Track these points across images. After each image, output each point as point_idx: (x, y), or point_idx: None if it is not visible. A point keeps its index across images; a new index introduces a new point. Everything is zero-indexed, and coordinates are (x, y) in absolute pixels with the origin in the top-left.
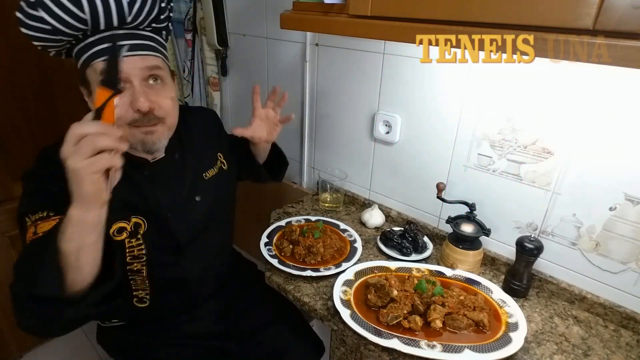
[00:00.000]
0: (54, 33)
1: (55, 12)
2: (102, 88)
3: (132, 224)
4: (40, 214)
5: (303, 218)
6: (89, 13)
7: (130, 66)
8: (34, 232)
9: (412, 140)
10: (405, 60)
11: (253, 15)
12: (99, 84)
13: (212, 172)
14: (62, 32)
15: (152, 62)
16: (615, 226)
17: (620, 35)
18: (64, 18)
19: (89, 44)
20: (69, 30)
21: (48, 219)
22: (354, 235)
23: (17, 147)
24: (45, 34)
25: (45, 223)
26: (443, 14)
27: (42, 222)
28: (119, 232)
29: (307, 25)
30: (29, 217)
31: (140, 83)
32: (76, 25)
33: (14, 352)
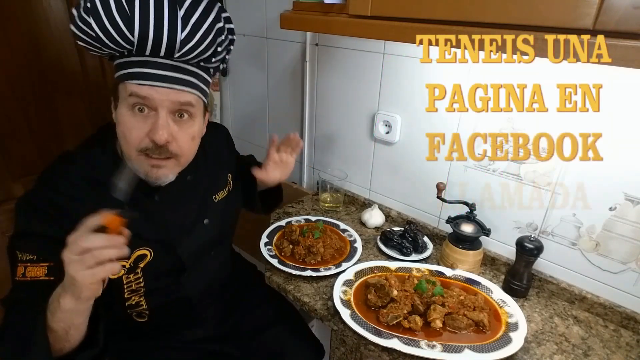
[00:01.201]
0: (98, 41)
1: (105, 25)
2: (116, 216)
3: (133, 260)
4: (30, 257)
5: (303, 218)
6: (137, 36)
7: (162, 97)
8: (22, 273)
9: (412, 140)
10: (405, 60)
11: (253, 15)
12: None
13: (222, 195)
14: (106, 45)
15: (186, 98)
16: (615, 226)
17: (620, 35)
18: (111, 33)
19: (130, 62)
20: (113, 45)
21: (37, 264)
22: (354, 235)
23: (17, 147)
24: (90, 39)
25: (34, 267)
26: (443, 14)
27: (31, 265)
28: None
29: (307, 25)
30: (20, 253)
31: (166, 114)
32: (121, 43)
33: None
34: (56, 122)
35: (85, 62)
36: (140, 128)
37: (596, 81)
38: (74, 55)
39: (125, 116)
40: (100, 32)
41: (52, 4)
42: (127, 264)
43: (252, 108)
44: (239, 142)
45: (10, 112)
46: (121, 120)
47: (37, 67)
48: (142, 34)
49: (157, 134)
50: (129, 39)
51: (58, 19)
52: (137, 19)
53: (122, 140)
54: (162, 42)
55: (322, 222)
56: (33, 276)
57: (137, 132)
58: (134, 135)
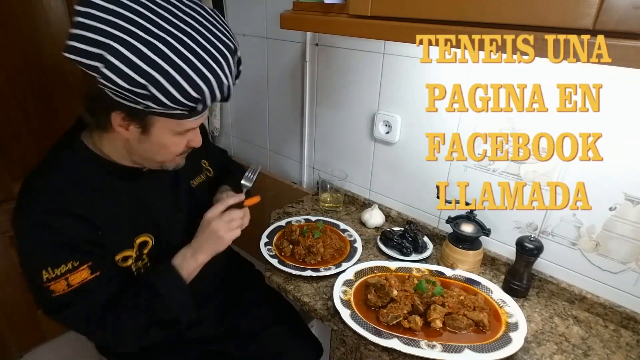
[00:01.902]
0: (148, 100)
1: (162, 100)
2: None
3: (137, 247)
4: (65, 267)
5: (303, 218)
6: (200, 104)
7: (200, 122)
8: (67, 284)
9: (412, 140)
10: (405, 60)
11: (253, 15)
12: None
13: (199, 180)
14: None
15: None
16: (615, 226)
17: (620, 35)
18: (172, 108)
19: None
20: (164, 109)
21: (77, 270)
22: (354, 235)
23: (17, 147)
24: (138, 98)
25: (76, 274)
26: (443, 14)
27: (71, 274)
28: (124, 260)
29: (307, 25)
30: (48, 270)
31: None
32: (182, 108)
33: (14, 352)
34: (56, 122)
35: None
36: (182, 142)
37: (596, 81)
38: None
39: (170, 139)
40: (170, 106)
41: (52, 4)
42: (133, 253)
43: (252, 108)
44: (239, 142)
45: (10, 112)
46: (163, 142)
47: (37, 67)
48: (212, 100)
49: (197, 143)
50: (194, 108)
51: (58, 19)
52: (216, 90)
53: (159, 154)
54: (225, 97)
55: (322, 222)
56: (80, 281)
57: (181, 145)
58: (178, 148)
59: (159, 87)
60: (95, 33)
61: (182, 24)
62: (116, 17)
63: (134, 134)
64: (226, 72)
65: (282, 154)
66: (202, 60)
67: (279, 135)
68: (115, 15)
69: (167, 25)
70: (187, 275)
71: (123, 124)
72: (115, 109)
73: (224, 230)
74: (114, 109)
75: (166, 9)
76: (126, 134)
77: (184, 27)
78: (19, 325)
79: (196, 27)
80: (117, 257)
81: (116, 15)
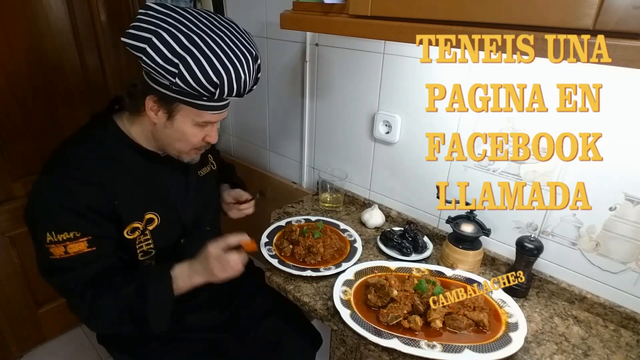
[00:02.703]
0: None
1: (202, 82)
2: (252, 242)
3: (145, 222)
4: (67, 235)
5: (303, 218)
6: (225, 93)
7: (221, 117)
8: (64, 251)
9: (412, 140)
10: (405, 60)
11: (253, 15)
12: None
13: (206, 170)
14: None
15: (226, 114)
16: (615, 226)
17: (620, 35)
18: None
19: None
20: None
21: (77, 240)
22: (354, 235)
23: (17, 147)
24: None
25: (74, 244)
26: (443, 14)
27: (71, 242)
28: (132, 232)
29: (307, 25)
30: (52, 234)
31: (216, 124)
32: (205, 95)
33: (14, 352)
34: (56, 122)
35: (86, 62)
36: (200, 134)
37: (596, 81)
38: (74, 55)
39: (190, 128)
40: (193, 86)
41: (52, 4)
42: (140, 226)
43: (252, 108)
44: (239, 141)
45: (10, 112)
46: (184, 130)
47: (37, 67)
48: (229, 91)
49: (212, 139)
50: (214, 93)
51: (58, 19)
52: (234, 81)
53: (179, 141)
54: (241, 94)
55: (322, 222)
56: (76, 251)
57: (198, 137)
58: (196, 140)
59: (187, 67)
60: (149, 24)
61: (216, 29)
62: (166, 16)
63: (161, 119)
64: (245, 69)
65: (282, 153)
66: (226, 53)
67: (279, 135)
68: (166, 15)
69: (204, 27)
70: (177, 289)
71: (154, 108)
72: (149, 93)
73: (218, 270)
74: (149, 93)
75: (207, 18)
76: (154, 118)
77: (216, 31)
78: (19, 325)
79: (227, 33)
80: (127, 228)
81: (167, 15)
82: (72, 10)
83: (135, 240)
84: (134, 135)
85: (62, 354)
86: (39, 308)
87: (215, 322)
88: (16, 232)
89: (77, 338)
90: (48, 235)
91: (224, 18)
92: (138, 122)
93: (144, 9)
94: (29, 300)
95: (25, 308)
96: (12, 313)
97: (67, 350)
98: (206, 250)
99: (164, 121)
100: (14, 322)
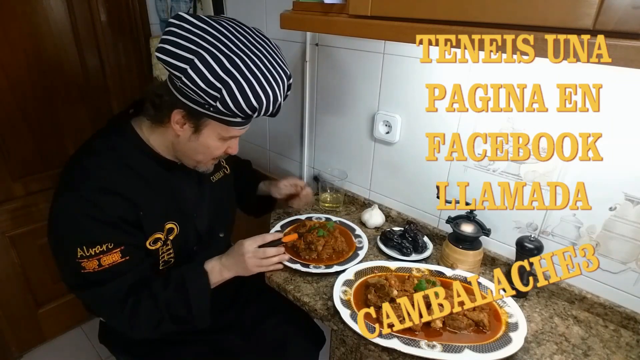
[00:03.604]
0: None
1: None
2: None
3: (166, 232)
4: (100, 247)
5: (324, 216)
6: (256, 114)
7: (243, 132)
8: (98, 264)
9: (412, 140)
10: (405, 60)
11: (253, 15)
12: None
13: (219, 176)
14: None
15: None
16: (615, 226)
17: (620, 35)
18: (233, 113)
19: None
20: (227, 118)
21: (110, 252)
22: (364, 243)
23: (17, 147)
24: (208, 105)
25: (108, 256)
26: (443, 14)
27: (104, 255)
28: (154, 242)
29: (307, 25)
30: (83, 249)
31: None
32: (240, 117)
33: (14, 352)
34: (56, 122)
35: (86, 62)
36: (222, 148)
37: (596, 81)
38: (74, 56)
39: (214, 142)
40: (233, 110)
41: (52, 4)
42: (162, 236)
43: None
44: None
45: (10, 112)
46: (209, 144)
47: (37, 67)
48: (265, 113)
49: (233, 151)
50: (251, 116)
51: (58, 19)
52: (271, 104)
53: (201, 154)
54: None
55: (333, 222)
56: (111, 262)
57: (220, 150)
58: (217, 153)
59: (230, 93)
60: (188, 42)
61: (254, 48)
62: (205, 33)
63: (186, 132)
64: (281, 92)
65: (282, 154)
66: (266, 78)
67: (279, 135)
68: (204, 31)
69: (243, 46)
70: (211, 284)
71: (180, 122)
72: (177, 107)
73: (252, 264)
74: (177, 107)
75: (243, 35)
76: (179, 131)
77: (255, 51)
78: (19, 325)
79: (264, 52)
80: (150, 239)
81: (205, 32)
82: (72, 10)
83: (158, 250)
84: (153, 143)
85: (62, 354)
86: (39, 308)
87: (219, 323)
88: (16, 232)
89: (77, 338)
90: (79, 251)
91: (257, 32)
92: (159, 132)
93: (177, 19)
94: (29, 300)
95: (25, 308)
96: (12, 313)
97: (67, 350)
98: (242, 247)
99: (189, 134)
100: (14, 322)
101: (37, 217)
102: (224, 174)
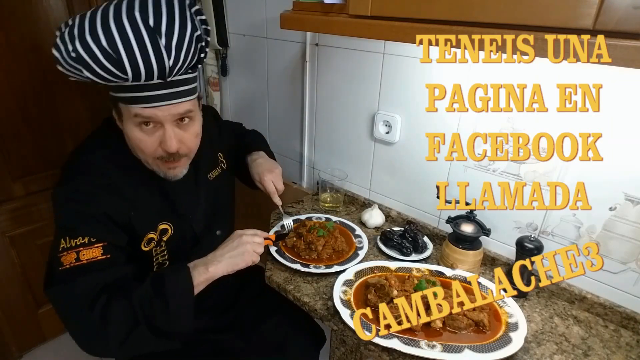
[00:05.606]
0: (91, 79)
1: (96, 71)
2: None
3: (159, 232)
4: (82, 239)
5: (324, 216)
6: (130, 74)
7: (164, 113)
8: (75, 258)
9: (412, 140)
10: (405, 60)
11: (253, 15)
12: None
13: (216, 173)
14: (100, 81)
15: (185, 107)
16: (615, 226)
17: (620, 35)
18: (104, 76)
19: (127, 87)
20: (106, 82)
21: (91, 246)
22: (364, 243)
23: (17, 147)
24: (82, 78)
25: (89, 250)
26: (443, 14)
27: (85, 248)
28: (148, 243)
29: (307, 25)
30: (66, 239)
31: (171, 125)
32: (115, 80)
33: (14, 352)
34: (56, 122)
35: None
36: (151, 140)
37: (596, 81)
38: None
39: (134, 132)
40: (92, 76)
41: (52, 4)
42: (155, 237)
43: (252, 108)
44: None
45: (10, 112)
46: (131, 135)
47: (37, 67)
48: (134, 71)
49: (168, 146)
50: (121, 77)
51: (58, 19)
52: (125, 60)
53: (137, 150)
54: (153, 72)
55: (333, 222)
56: (89, 258)
57: (149, 144)
58: (147, 147)
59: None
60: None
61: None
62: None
63: (121, 126)
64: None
65: (282, 153)
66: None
67: (279, 135)
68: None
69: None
70: (196, 282)
71: (116, 116)
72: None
73: (251, 246)
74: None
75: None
76: (120, 125)
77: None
78: (19, 325)
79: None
80: (144, 240)
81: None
82: (72, 11)
83: (152, 252)
84: None
85: (62, 354)
86: (39, 308)
87: (220, 323)
88: (16, 232)
89: None
90: (62, 242)
91: None
92: None
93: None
94: (29, 300)
95: (25, 308)
96: (12, 313)
97: (67, 350)
98: (234, 233)
99: (122, 127)
100: (14, 322)
101: (37, 217)
102: (221, 170)
